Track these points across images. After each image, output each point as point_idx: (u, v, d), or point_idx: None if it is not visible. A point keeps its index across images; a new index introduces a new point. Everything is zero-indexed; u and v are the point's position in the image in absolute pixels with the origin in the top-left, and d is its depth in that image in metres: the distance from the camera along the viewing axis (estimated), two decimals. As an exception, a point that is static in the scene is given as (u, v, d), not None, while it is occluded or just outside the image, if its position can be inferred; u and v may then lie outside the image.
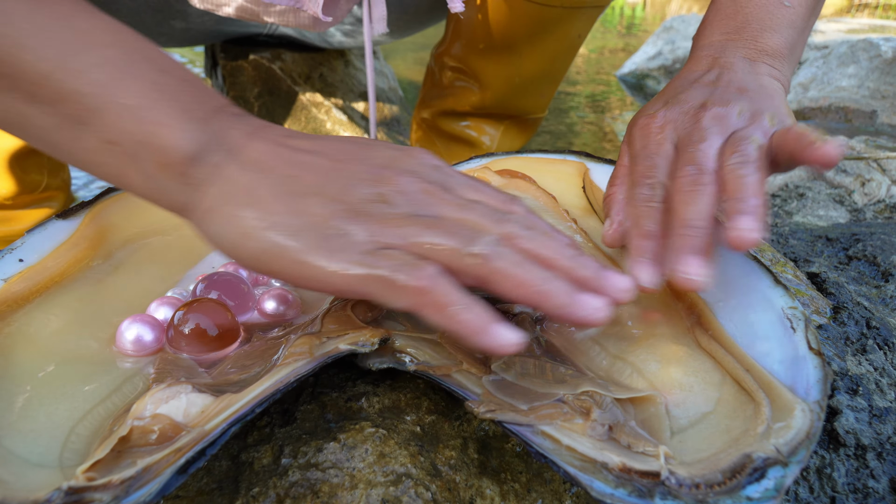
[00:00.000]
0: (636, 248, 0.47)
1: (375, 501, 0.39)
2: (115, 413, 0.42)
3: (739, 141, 0.49)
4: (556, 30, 1.07)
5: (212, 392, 0.41)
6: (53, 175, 1.09)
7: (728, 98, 0.53)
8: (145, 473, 0.35)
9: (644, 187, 0.50)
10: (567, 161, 0.66)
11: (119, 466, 0.36)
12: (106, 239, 0.56)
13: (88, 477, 0.35)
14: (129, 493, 0.34)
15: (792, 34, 0.60)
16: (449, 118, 1.23)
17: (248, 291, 0.51)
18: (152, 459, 0.36)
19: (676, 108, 0.54)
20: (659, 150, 0.52)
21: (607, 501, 0.34)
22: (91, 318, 0.50)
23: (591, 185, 0.63)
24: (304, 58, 1.37)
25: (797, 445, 0.37)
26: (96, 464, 0.36)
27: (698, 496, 0.35)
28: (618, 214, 0.53)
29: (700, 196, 0.47)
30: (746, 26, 0.60)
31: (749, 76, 0.56)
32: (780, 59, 0.59)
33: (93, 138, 0.40)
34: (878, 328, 0.60)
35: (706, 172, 0.48)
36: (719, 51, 0.59)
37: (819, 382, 0.41)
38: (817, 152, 0.46)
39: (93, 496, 0.34)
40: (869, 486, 0.47)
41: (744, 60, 0.58)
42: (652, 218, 0.48)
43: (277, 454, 0.42)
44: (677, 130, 0.52)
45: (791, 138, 0.48)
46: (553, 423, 0.39)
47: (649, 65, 2.35)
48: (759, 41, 0.59)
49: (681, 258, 0.44)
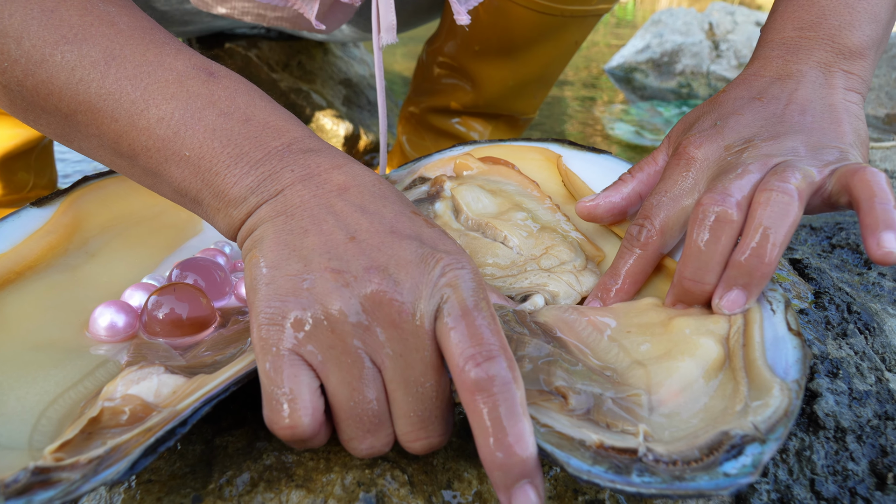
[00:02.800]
0: (600, 284, 0.51)
1: (351, 484, 0.39)
2: (87, 396, 0.42)
3: (784, 170, 0.45)
4: (553, 36, 1.07)
5: (185, 374, 0.41)
6: (40, 175, 1.09)
7: (781, 131, 0.49)
8: (114, 453, 0.34)
9: (635, 226, 0.50)
10: (549, 149, 0.66)
11: (89, 447, 0.36)
12: (82, 227, 0.55)
13: (56, 457, 0.34)
14: (97, 472, 0.33)
15: (875, 30, 0.54)
16: (439, 115, 1.22)
17: (225, 277, 0.51)
18: (121, 439, 0.35)
19: (720, 138, 0.50)
20: (674, 187, 0.49)
21: (584, 478, 0.34)
22: (65, 305, 0.49)
23: (567, 172, 0.63)
24: (282, 46, 1.36)
25: (775, 423, 0.37)
26: (65, 444, 0.35)
27: (675, 472, 0.35)
28: (605, 198, 0.53)
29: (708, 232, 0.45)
30: (823, 21, 0.53)
31: (818, 92, 0.51)
32: (861, 60, 0.53)
33: (166, 187, 0.44)
34: (859, 313, 0.60)
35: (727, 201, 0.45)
36: (791, 52, 0.54)
37: (798, 362, 0.41)
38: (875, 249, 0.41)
39: (60, 475, 0.33)
40: (848, 468, 0.47)
41: (816, 70, 0.52)
42: (624, 261, 0.50)
43: (252, 438, 0.41)
44: (710, 169, 0.49)
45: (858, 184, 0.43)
46: (531, 404, 0.38)
47: (637, 58, 2.35)
48: (836, 40, 0.53)
49: None
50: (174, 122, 0.42)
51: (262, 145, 0.41)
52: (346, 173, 0.41)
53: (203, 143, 0.41)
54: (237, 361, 0.40)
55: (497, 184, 0.61)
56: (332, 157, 0.42)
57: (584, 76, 2.43)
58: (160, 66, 0.43)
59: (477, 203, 0.58)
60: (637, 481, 0.34)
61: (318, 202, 0.39)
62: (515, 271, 0.53)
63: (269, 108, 0.44)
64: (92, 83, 0.42)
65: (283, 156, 0.41)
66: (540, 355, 0.42)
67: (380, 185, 0.41)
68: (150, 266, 0.55)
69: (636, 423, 0.38)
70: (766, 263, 0.43)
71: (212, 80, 0.43)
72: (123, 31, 0.43)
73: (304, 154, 0.42)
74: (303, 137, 0.43)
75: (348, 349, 0.36)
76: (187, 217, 0.60)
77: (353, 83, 1.46)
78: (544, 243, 0.55)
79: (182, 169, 0.42)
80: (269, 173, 0.41)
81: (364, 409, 0.37)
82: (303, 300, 0.36)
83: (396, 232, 0.38)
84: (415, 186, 0.62)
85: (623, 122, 1.91)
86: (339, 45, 1.46)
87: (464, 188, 0.59)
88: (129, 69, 0.42)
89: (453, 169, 0.64)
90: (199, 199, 0.42)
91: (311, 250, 0.37)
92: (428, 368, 0.36)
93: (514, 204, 0.59)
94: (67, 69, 0.42)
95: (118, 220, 0.57)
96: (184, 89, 0.42)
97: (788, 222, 0.43)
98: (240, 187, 0.41)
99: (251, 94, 0.44)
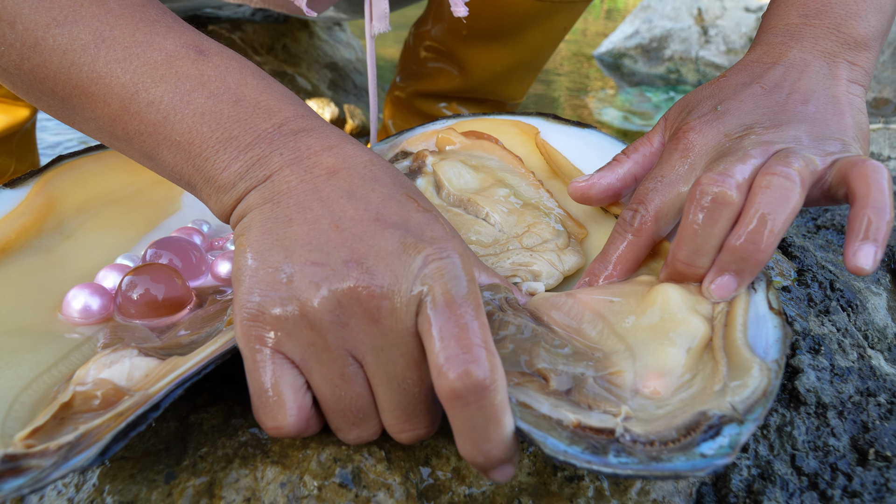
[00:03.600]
0: (589, 269, 0.50)
1: (327, 460, 0.39)
2: (61, 380, 0.41)
3: (787, 154, 0.44)
4: (542, 22, 1.06)
5: (159, 356, 0.40)
6: (22, 159, 1.08)
7: (783, 120, 0.47)
8: (84, 439, 0.34)
9: (629, 211, 0.48)
10: (531, 123, 0.65)
11: (61, 433, 0.35)
12: (56, 207, 0.55)
13: (27, 444, 0.34)
14: (67, 458, 0.33)
15: (880, 21, 0.53)
16: (426, 99, 1.21)
17: (201, 256, 0.50)
18: (92, 425, 0.35)
19: (720, 124, 0.49)
20: (670, 172, 0.48)
21: (560, 458, 0.33)
22: (40, 288, 0.49)
23: (545, 145, 0.62)
24: (266, 28, 1.34)
25: (753, 403, 0.37)
26: (36, 430, 0.35)
27: (652, 453, 0.34)
28: (600, 178, 0.52)
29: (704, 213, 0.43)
30: (828, 9, 0.52)
31: (822, 83, 0.50)
32: (866, 51, 0.52)
33: (162, 170, 0.43)
34: (841, 290, 0.60)
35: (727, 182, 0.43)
36: (795, 39, 0.52)
37: (778, 342, 0.41)
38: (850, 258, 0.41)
39: (30, 463, 0.33)
40: (829, 444, 0.47)
41: (820, 60, 0.51)
42: (615, 246, 0.49)
43: (228, 415, 0.41)
44: (709, 155, 0.48)
45: (856, 178, 0.42)
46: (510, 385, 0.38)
47: (626, 44, 2.35)
48: (842, 29, 0.51)
49: None
50: (164, 106, 0.41)
51: (251, 128, 0.41)
52: (337, 155, 0.40)
53: (192, 127, 0.41)
54: (210, 343, 0.39)
55: (479, 159, 0.61)
56: (323, 138, 0.41)
57: (574, 62, 2.42)
58: (150, 47, 0.42)
59: (459, 179, 0.57)
60: (614, 462, 0.34)
61: (306, 188, 0.38)
62: (498, 249, 0.52)
63: (262, 87, 0.43)
64: (83, 67, 0.42)
65: (272, 139, 0.40)
66: (523, 336, 0.41)
67: (371, 167, 0.40)
68: (127, 246, 0.55)
69: (619, 403, 0.38)
70: (761, 250, 0.42)
71: (202, 58, 0.42)
72: (114, 10, 0.42)
73: (294, 135, 0.41)
74: (295, 117, 0.42)
75: (328, 346, 0.35)
76: (165, 195, 0.59)
77: (338, 66, 1.45)
78: (526, 221, 0.54)
79: (174, 154, 0.41)
80: (258, 158, 0.40)
81: (347, 404, 0.36)
82: (282, 295, 0.35)
83: (381, 219, 0.37)
84: (396, 161, 0.61)
85: (612, 108, 1.91)
86: (325, 29, 1.45)
87: (446, 163, 0.59)
88: (119, 51, 0.42)
89: (435, 143, 0.63)
90: (193, 184, 0.42)
91: (294, 240, 0.36)
92: (410, 363, 0.36)
93: (497, 180, 0.58)
94: (59, 53, 0.42)
95: (94, 200, 0.56)
96: (173, 71, 0.41)
97: (789, 208, 0.41)
98: (229, 173, 0.40)
99: (243, 71, 0.43)
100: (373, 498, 0.38)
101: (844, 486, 0.44)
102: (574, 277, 0.53)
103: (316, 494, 0.37)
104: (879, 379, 0.53)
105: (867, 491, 0.44)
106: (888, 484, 0.44)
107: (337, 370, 0.36)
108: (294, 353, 0.36)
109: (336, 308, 0.35)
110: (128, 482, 0.38)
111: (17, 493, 0.31)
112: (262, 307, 0.35)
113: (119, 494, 0.37)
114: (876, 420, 0.49)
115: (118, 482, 0.38)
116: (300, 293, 0.35)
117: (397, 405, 0.36)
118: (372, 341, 0.35)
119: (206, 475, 0.38)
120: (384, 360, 0.36)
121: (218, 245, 0.54)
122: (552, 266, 0.51)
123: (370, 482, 0.38)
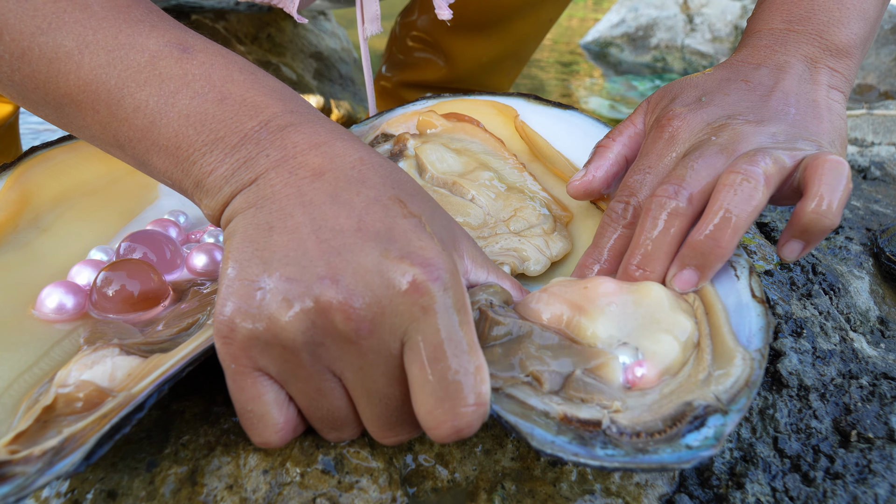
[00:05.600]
0: (581, 263, 0.49)
1: (309, 447, 0.39)
2: (43, 379, 0.40)
3: (755, 153, 0.44)
4: (528, 13, 1.06)
5: (141, 353, 0.40)
6: (4, 154, 1.07)
7: (765, 116, 0.48)
8: (69, 443, 0.33)
9: (619, 203, 0.48)
10: (512, 105, 0.64)
11: (44, 437, 0.34)
12: (31, 201, 0.53)
13: (10, 450, 0.33)
14: (52, 464, 0.32)
15: (864, 27, 0.53)
16: (412, 89, 1.21)
17: (176, 249, 0.50)
18: (76, 428, 0.34)
19: (704, 113, 0.49)
20: (658, 163, 0.48)
21: (547, 451, 0.33)
22: (16, 285, 0.47)
23: (524, 127, 0.62)
24: (250, 18, 1.33)
25: (736, 393, 0.37)
26: (20, 435, 0.34)
27: (638, 445, 0.34)
28: (596, 169, 0.51)
29: (660, 225, 0.44)
30: (812, 16, 0.52)
31: (803, 87, 0.50)
32: (848, 58, 0.52)
33: (157, 176, 0.42)
34: (824, 274, 0.60)
35: (680, 195, 0.43)
36: (779, 43, 0.52)
37: (762, 330, 0.40)
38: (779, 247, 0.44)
39: (14, 469, 0.32)
40: (812, 426, 0.47)
41: (803, 64, 0.51)
42: (607, 238, 0.48)
43: (209, 403, 0.41)
44: (691, 141, 0.48)
45: (813, 169, 0.42)
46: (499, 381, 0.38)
47: (612, 32, 2.35)
48: (825, 36, 0.51)
49: None
50: (149, 110, 0.40)
51: (237, 128, 0.39)
52: (324, 154, 0.38)
53: (178, 131, 0.39)
54: (193, 339, 0.39)
55: (462, 142, 0.60)
56: (312, 134, 0.39)
57: (561, 51, 2.42)
58: (133, 49, 0.41)
59: (441, 163, 0.57)
60: (600, 454, 0.34)
61: (289, 191, 0.37)
62: (486, 233, 0.52)
63: (249, 82, 0.41)
64: (70, 75, 0.40)
65: (259, 138, 0.39)
66: (513, 338, 0.40)
67: (360, 166, 0.38)
68: (105, 238, 0.54)
69: (605, 394, 0.37)
70: (721, 247, 0.42)
71: (185, 56, 0.41)
72: (97, 13, 0.41)
73: (281, 132, 0.39)
74: (283, 112, 0.40)
75: (302, 363, 0.34)
76: (141, 183, 0.58)
77: (324, 56, 1.44)
78: (512, 205, 0.54)
79: (163, 159, 0.40)
80: (245, 160, 0.39)
81: (325, 415, 0.36)
82: (253, 311, 0.34)
83: (363, 229, 0.35)
84: (377, 144, 0.60)
85: (598, 97, 1.91)
86: (310, 18, 1.44)
87: (428, 147, 0.58)
88: (103, 56, 0.40)
89: (416, 126, 0.62)
90: (185, 189, 0.41)
91: (273, 251, 0.35)
92: (392, 382, 0.35)
93: (480, 163, 0.58)
94: (46, 61, 0.41)
95: (69, 192, 0.55)
96: (157, 72, 0.40)
97: (751, 207, 0.42)
98: (215, 176, 0.39)
99: (228, 67, 0.41)
100: (356, 484, 0.38)
101: (827, 467, 0.45)
102: (561, 263, 0.53)
103: (298, 481, 0.37)
104: (861, 361, 0.53)
105: (849, 472, 0.44)
106: (870, 465, 0.45)
107: (313, 385, 0.35)
108: (270, 369, 0.35)
109: (310, 328, 0.34)
110: (109, 470, 0.38)
111: (2, 502, 0.31)
112: (233, 323, 0.34)
113: (101, 483, 0.37)
114: (858, 402, 0.49)
115: (100, 471, 0.38)
116: (272, 310, 0.33)
117: (378, 417, 0.36)
118: (350, 359, 0.34)
119: (189, 463, 0.38)
120: (363, 379, 0.35)
121: (195, 238, 0.53)
122: (540, 252, 0.50)
123: (353, 468, 0.38)
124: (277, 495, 0.37)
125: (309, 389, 0.35)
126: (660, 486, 0.41)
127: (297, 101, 0.42)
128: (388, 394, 0.35)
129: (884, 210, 0.78)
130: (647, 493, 0.40)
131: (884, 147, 1.01)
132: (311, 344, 0.34)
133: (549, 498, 0.39)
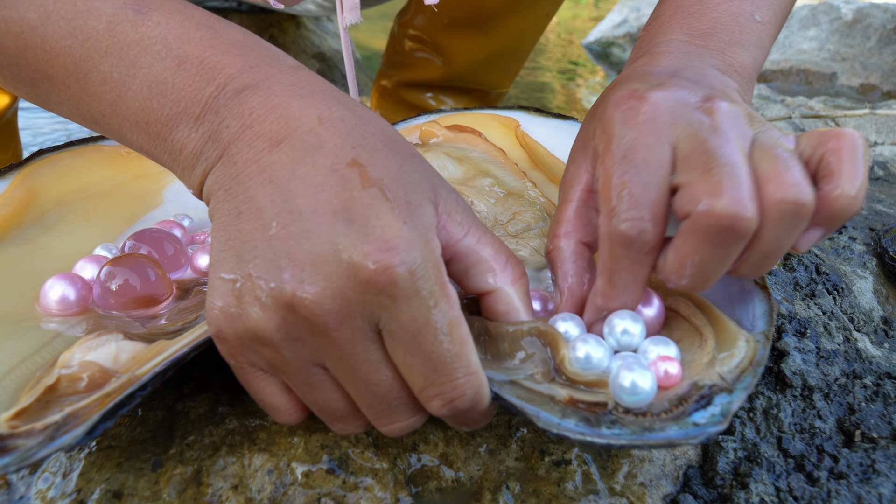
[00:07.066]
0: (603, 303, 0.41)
1: (315, 447, 0.39)
2: (44, 366, 0.41)
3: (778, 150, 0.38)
4: (523, 9, 1.05)
5: (145, 341, 0.40)
6: (3, 149, 1.06)
7: (733, 96, 0.42)
8: (71, 419, 0.34)
9: (631, 225, 0.37)
10: (512, 117, 0.65)
11: (46, 415, 0.35)
12: (37, 200, 0.54)
13: (11, 425, 0.34)
14: (53, 438, 0.33)
15: (759, 54, 0.50)
16: (411, 89, 1.21)
17: (181, 248, 0.50)
18: (79, 405, 0.34)
19: (672, 91, 0.40)
20: (650, 155, 0.38)
21: (553, 431, 0.33)
22: (20, 277, 0.48)
23: (525, 137, 0.63)
24: (253, 19, 1.33)
25: (741, 372, 0.37)
26: (21, 412, 0.35)
27: (644, 423, 0.35)
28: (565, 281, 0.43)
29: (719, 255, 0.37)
30: (713, 34, 0.49)
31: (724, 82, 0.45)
32: (746, 80, 0.48)
33: (137, 150, 0.40)
34: (827, 274, 0.60)
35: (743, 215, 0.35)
36: (683, 55, 0.47)
37: (765, 315, 0.41)
38: None
39: (15, 442, 0.33)
40: (815, 426, 0.47)
41: (715, 70, 0.45)
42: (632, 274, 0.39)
43: (214, 403, 0.41)
44: (677, 124, 0.39)
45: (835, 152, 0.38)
46: None
47: (614, 32, 2.34)
48: (727, 53, 0.48)
49: None
50: (115, 83, 0.38)
51: (197, 95, 0.37)
52: (280, 118, 0.35)
53: (143, 104, 0.37)
54: (200, 326, 0.39)
55: (463, 151, 0.61)
56: (268, 95, 0.36)
57: (564, 51, 2.42)
58: (91, 15, 0.38)
59: (443, 170, 0.58)
60: (607, 433, 0.34)
61: (251, 169, 0.35)
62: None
63: (206, 38, 0.38)
64: (37, 49, 0.39)
65: (218, 107, 0.36)
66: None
67: (318, 127, 0.35)
68: (108, 239, 0.54)
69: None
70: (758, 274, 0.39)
71: (140, 18, 0.38)
72: None
73: (238, 97, 0.36)
74: (239, 71, 0.37)
75: (285, 360, 0.34)
76: (147, 189, 0.58)
77: (326, 57, 1.45)
78: (511, 209, 0.55)
79: (136, 134, 0.39)
80: (209, 134, 0.36)
81: (322, 406, 0.36)
82: (234, 312, 0.33)
83: (319, 210, 0.33)
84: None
85: (600, 97, 1.91)
86: (312, 19, 1.44)
87: (429, 155, 0.59)
88: (64, 26, 0.38)
89: (419, 137, 0.63)
90: (168, 165, 0.39)
91: (243, 241, 0.34)
92: (375, 366, 0.34)
93: (481, 171, 0.58)
94: (13, 36, 0.39)
95: (75, 194, 0.56)
96: (115, 39, 0.38)
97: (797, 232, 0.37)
98: (186, 154, 0.37)
99: (184, 24, 0.38)
100: (360, 484, 0.38)
101: (831, 467, 0.45)
102: None
103: (303, 481, 0.37)
104: (865, 361, 0.53)
105: (853, 472, 0.44)
106: (874, 465, 0.44)
107: (302, 380, 0.35)
108: (262, 365, 0.35)
109: (282, 325, 0.33)
110: (115, 471, 0.38)
111: (3, 472, 0.31)
112: (219, 322, 0.34)
113: (106, 483, 0.37)
114: (862, 402, 0.49)
115: (105, 471, 0.38)
116: (246, 310, 0.33)
117: (371, 405, 0.35)
118: (327, 351, 0.33)
119: (193, 463, 0.38)
120: (345, 368, 0.34)
121: (199, 240, 0.54)
122: (536, 252, 0.51)
123: (357, 468, 0.38)
124: (282, 495, 0.37)
125: (299, 383, 0.35)
126: (664, 485, 0.41)
127: (257, 54, 0.39)
128: (373, 380, 0.34)
129: (887, 210, 0.78)
130: (651, 493, 0.41)
131: (887, 147, 1.01)
132: (288, 340, 0.33)
133: (553, 498, 0.39)
